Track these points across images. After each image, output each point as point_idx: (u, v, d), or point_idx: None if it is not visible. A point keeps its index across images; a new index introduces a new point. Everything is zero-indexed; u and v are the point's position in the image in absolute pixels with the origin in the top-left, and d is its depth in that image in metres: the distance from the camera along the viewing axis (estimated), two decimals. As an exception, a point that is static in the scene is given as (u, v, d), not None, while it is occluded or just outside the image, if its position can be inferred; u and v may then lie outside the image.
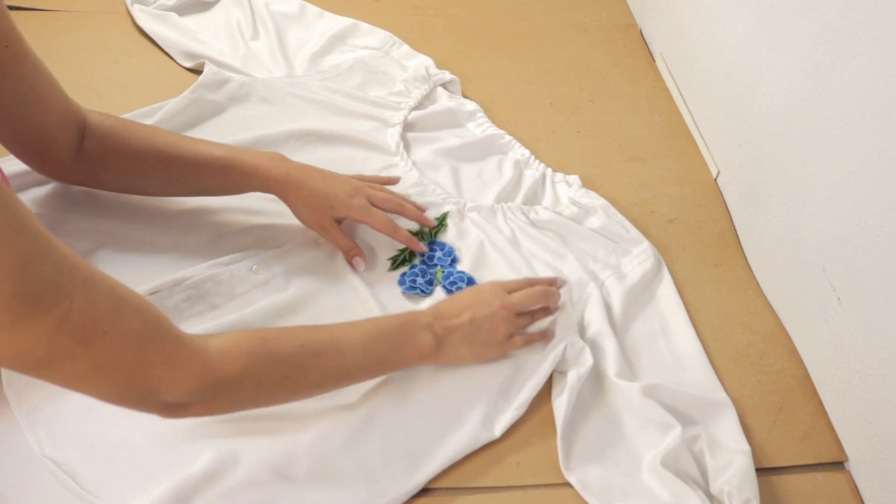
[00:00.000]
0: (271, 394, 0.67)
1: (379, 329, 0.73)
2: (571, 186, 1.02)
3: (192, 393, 0.60)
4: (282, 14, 1.18)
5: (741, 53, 1.02)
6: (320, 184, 0.85)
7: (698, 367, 0.87)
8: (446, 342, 0.76)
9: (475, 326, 0.77)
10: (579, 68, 1.24)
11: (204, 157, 0.83)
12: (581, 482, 0.76)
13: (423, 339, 0.75)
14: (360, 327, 0.72)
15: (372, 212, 0.87)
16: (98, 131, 0.80)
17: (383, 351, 0.73)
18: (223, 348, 0.62)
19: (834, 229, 0.85)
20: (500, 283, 0.81)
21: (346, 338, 0.70)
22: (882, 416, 0.78)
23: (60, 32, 1.11)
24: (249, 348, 0.63)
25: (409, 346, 0.75)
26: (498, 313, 0.78)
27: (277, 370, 0.65)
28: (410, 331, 0.75)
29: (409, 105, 1.08)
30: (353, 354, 0.71)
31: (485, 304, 0.78)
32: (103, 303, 0.54)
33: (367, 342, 0.72)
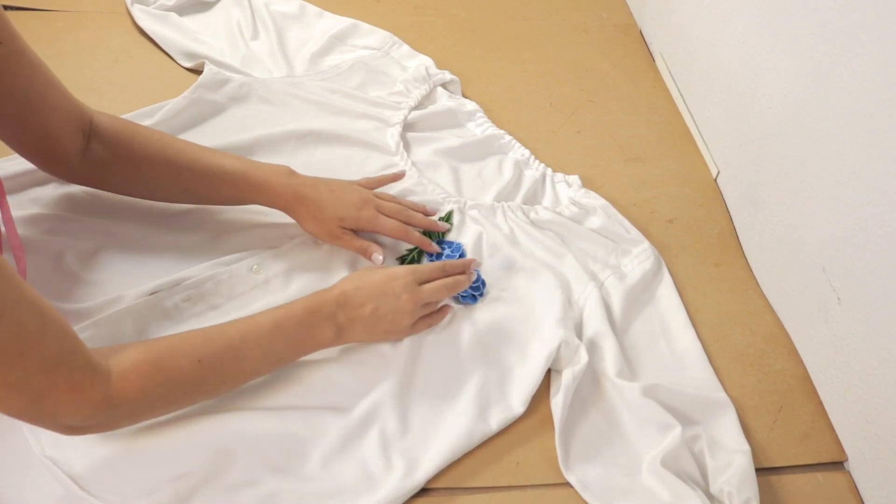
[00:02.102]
0: (167, 409, 0.69)
1: (279, 327, 0.73)
2: (571, 186, 1.02)
3: (89, 418, 0.61)
4: (282, 14, 1.19)
5: (741, 53, 1.02)
6: (328, 198, 0.86)
7: (698, 367, 0.87)
8: (347, 331, 0.77)
9: (378, 317, 0.77)
10: (579, 68, 1.24)
11: (214, 169, 0.83)
12: (580, 482, 0.76)
13: (325, 331, 0.75)
14: (260, 327, 0.72)
15: (381, 220, 0.87)
16: (105, 135, 0.80)
17: (281, 349, 0.74)
18: (122, 373, 0.63)
19: (834, 229, 0.85)
20: (413, 272, 0.81)
21: (244, 343, 0.70)
22: (882, 416, 0.78)
23: (60, 32, 1.11)
24: (146, 372, 0.64)
25: (309, 340, 0.75)
26: (404, 306, 0.78)
27: (175, 390, 0.67)
28: (313, 323, 0.75)
29: (409, 105, 1.08)
30: (251, 360, 0.71)
31: (392, 296, 0.78)
32: (30, 324, 0.55)
33: (267, 342, 0.72)
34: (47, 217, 0.85)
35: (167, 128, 0.98)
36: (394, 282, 0.79)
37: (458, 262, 0.85)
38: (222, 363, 0.69)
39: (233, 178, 0.83)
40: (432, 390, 0.80)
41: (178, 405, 0.69)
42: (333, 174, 0.93)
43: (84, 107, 0.79)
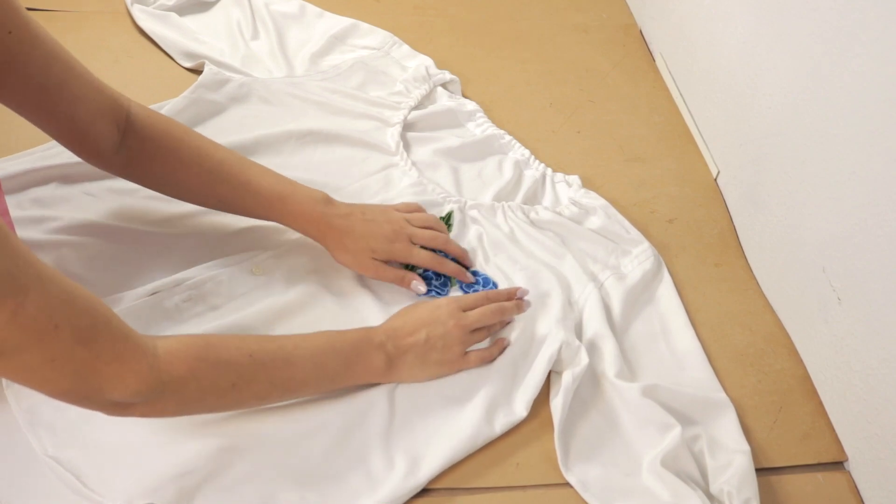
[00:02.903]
0: (216, 400, 0.67)
1: (331, 344, 0.73)
2: (571, 186, 1.02)
3: (137, 393, 0.60)
4: (282, 14, 1.19)
5: (741, 53, 1.02)
6: (360, 230, 0.84)
7: (698, 368, 0.87)
8: (398, 362, 0.76)
9: (429, 346, 0.77)
10: (579, 68, 1.24)
11: (252, 186, 0.82)
12: (580, 482, 0.76)
13: (375, 359, 0.75)
14: (312, 341, 0.72)
15: (415, 253, 0.86)
16: (143, 132, 0.78)
17: (333, 367, 0.73)
18: (171, 350, 0.62)
19: (834, 229, 0.85)
20: (456, 300, 0.81)
21: (296, 350, 0.70)
22: (882, 416, 0.78)
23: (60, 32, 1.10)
24: (196, 352, 0.64)
25: (359, 364, 0.74)
26: (452, 333, 0.78)
27: (224, 377, 0.65)
28: (363, 349, 0.74)
29: (409, 105, 1.08)
30: (302, 368, 0.71)
31: (439, 323, 0.78)
32: (57, 297, 0.55)
33: (318, 356, 0.72)
34: (47, 217, 0.84)
35: (167, 128, 0.98)
36: (438, 310, 0.79)
37: (502, 291, 0.85)
38: (273, 363, 0.68)
39: (269, 200, 0.82)
40: (439, 391, 0.80)
41: (228, 400, 0.68)
42: (333, 174, 0.93)
43: (121, 99, 0.77)
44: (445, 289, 0.88)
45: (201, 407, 0.67)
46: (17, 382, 0.58)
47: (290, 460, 0.73)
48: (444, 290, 0.88)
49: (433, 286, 0.88)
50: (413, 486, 0.73)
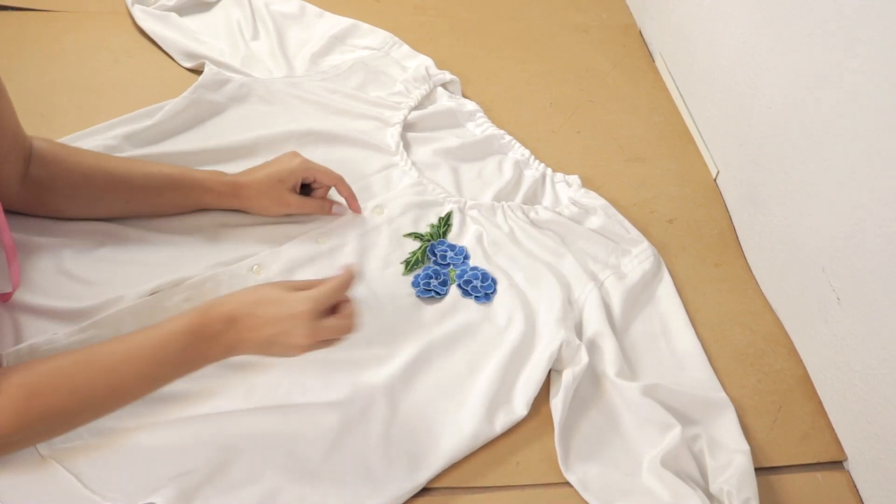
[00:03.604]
0: (49, 436, 0.67)
1: (160, 351, 0.67)
2: (571, 186, 1.03)
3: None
4: (282, 14, 1.19)
5: (741, 53, 1.03)
6: (262, 172, 0.88)
7: (698, 367, 0.87)
8: (236, 349, 0.70)
9: (269, 344, 0.70)
10: (579, 68, 1.24)
11: (153, 175, 0.84)
12: (580, 482, 0.76)
13: (211, 351, 0.69)
14: (140, 350, 0.67)
15: (316, 165, 0.90)
16: (43, 157, 0.79)
17: (164, 373, 0.69)
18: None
19: (834, 229, 0.85)
20: (315, 302, 0.70)
21: (123, 368, 0.66)
22: (882, 416, 0.78)
23: (60, 32, 1.11)
24: (17, 410, 0.62)
25: (193, 360, 0.69)
26: (298, 342, 0.70)
27: (50, 423, 0.65)
28: (197, 345, 0.68)
29: (409, 105, 1.08)
30: (129, 385, 0.67)
31: (285, 333, 0.69)
32: None
33: (148, 367, 0.67)
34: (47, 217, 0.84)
35: (167, 128, 0.98)
36: (292, 319, 0.69)
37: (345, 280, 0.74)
38: (98, 393, 0.66)
39: (173, 180, 0.85)
40: (440, 391, 0.80)
41: (57, 433, 0.67)
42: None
43: (25, 133, 0.78)
44: (445, 287, 0.88)
45: (32, 444, 0.68)
46: None
47: (290, 460, 0.73)
48: (444, 290, 0.88)
49: (433, 286, 0.88)
50: (413, 486, 0.73)
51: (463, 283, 0.89)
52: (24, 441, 0.66)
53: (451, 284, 0.89)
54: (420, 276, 0.89)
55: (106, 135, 0.94)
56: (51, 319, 0.77)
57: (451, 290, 0.89)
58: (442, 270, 0.90)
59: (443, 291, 0.88)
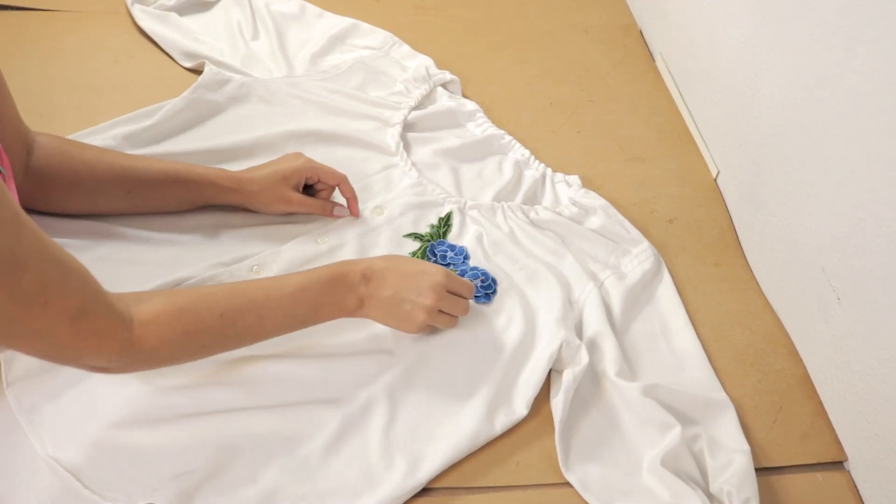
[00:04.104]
0: (187, 358, 0.71)
1: (302, 291, 0.74)
2: (571, 186, 1.03)
3: (112, 361, 0.64)
4: (282, 14, 1.19)
5: (741, 53, 1.03)
6: (266, 167, 0.89)
7: (698, 367, 0.87)
8: (367, 306, 0.77)
9: (396, 303, 0.77)
10: (579, 68, 1.24)
11: (154, 170, 0.84)
12: (581, 482, 0.76)
13: (347, 300, 0.76)
14: (283, 288, 0.73)
15: (319, 165, 0.90)
16: (45, 150, 0.80)
17: (303, 313, 0.74)
18: (144, 323, 0.65)
19: (834, 229, 0.85)
20: (447, 276, 0.80)
21: (267, 302, 0.72)
22: (882, 416, 0.78)
23: (60, 32, 1.11)
24: (168, 323, 0.66)
25: (330, 306, 0.76)
26: (424, 303, 0.78)
27: (195, 342, 0.68)
28: (337, 289, 0.75)
29: (409, 105, 1.08)
30: (271, 319, 0.72)
31: (416, 289, 0.78)
32: (51, 272, 0.57)
33: (288, 306, 0.73)
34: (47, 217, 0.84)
35: (167, 128, 0.98)
36: (424, 277, 0.78)
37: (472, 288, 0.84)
38: (244, 320, 0.70)
39: (177, 174, 0.85)
40: (440, 390, 0.80)
41: (198, 356, 0.71)
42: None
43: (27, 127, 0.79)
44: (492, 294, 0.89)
45: (173, 363, 0.70)
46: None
47: (290, 460, 0.73)
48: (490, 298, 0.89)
49: None
50: (413, 486, 0.73)
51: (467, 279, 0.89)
52: (170, 356, 0.68)
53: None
54: (420, 276, 0.89)
55: (106, 135, 0.94)
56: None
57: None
58: (442, 270, 0.90)
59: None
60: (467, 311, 0.82)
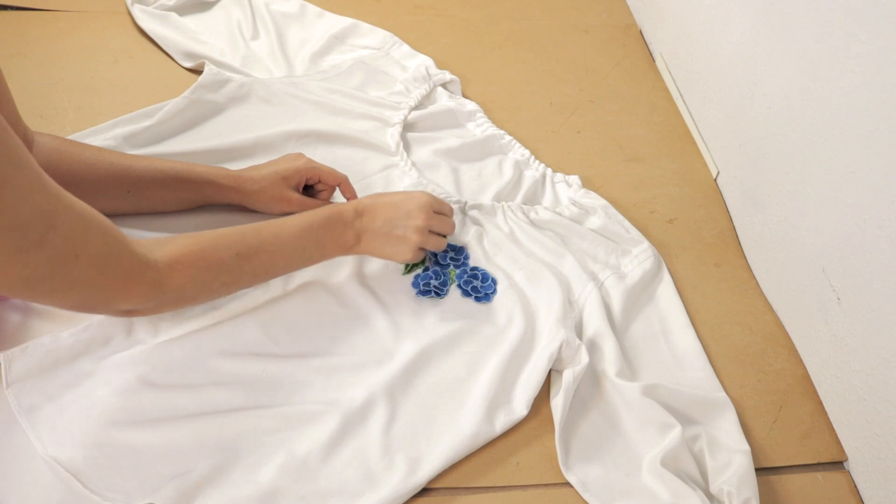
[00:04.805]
0: (208, 295, 0.75)
1: (307, 228, 0.79)
2: (571, 186, 1.03)
3: (142, 303, 0.67)
4: (282, 14, 1.19)
5: (741, 53, 1.03)
6: (266, 169, 0.90)
7: (698, 367, 0.87)
8: (364, 238, 0.83)
9: (390, 228, 0.83)
10: (579, 68, 1.24)
11: (154, 169, 0.85)
12: (581, 482, 0.76)
13: (345, 236, 0.82)
14: (289, 227, 0.78)
15: (320, 165, 0.91)
16: (45, 149, 0.80)
17: (309, 249, 0.80)
18: (170, 262, 0.68)
19: (834, 229, 0.85)
20: (431, 197, 0.86)
21: (276, 240, 0.77)
22: (882, 416, 0.78)
23: (60, 33, 1.11)
24: (193, 261, 0.70)
25: (331, 242, 0.82)
26: (415, 223, 0.83)
27: (216, 279, 0.73)
28: (335, 227, 0.81)
29: (409, 105, 1.08)
30: (282, 255, 0.78)
31: (406, 212, 0.83)
32: (76, 227, 0.59)
33: (295, 241, 0.78)
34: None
35: (167, 128, 0.98)
36: (410, 200, 0.84)
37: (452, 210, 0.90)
38: (258, 257, 0.76)
39: (176, 173, 0.85)
40: (440, 390, 0.80)
41: (218, 293, 0.76)
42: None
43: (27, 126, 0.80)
44: (445, 288, 0.88)
45: (195, 302, 0.75)
46: (29, 299, 0.66)
47: (290, 460, 0.73)
48: (444, 290, 0.88)
49: (433, 286, 0.88)
50: (413, 486, 0.73)
51: (463, 284, 0.89)
52: (194, 294, 0.72)
53: (451, 285, 0.89)
54: (420, 276, 0.89)
55: (106, 135, 0.94)
56: (53, 320, 0.77)
57: (451, 290, 0.89)
58: (442, 271, 0.90)
59: (443, 292, 0.88)
60: (454, 228, 0.89)
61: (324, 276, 0.87)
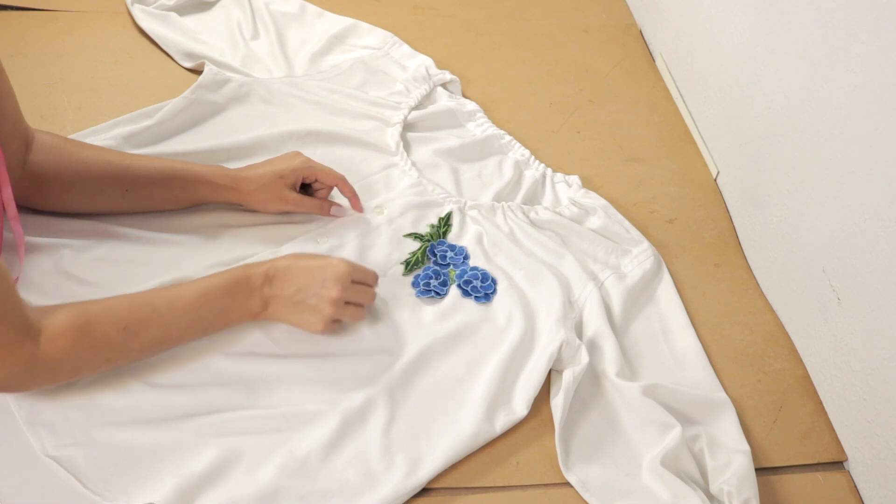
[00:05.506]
0: (90, 371, 0.71)
1: (206, 296, 0.74)
2: (571, 186, 1.03)
3: (12, 376, 0.64)
4: (282, 14, 1.19)
5: (741, 53, 1.03)
6: (264, 166, 0.89)
7: (698, 367, 0.87)
8: (271, 306, 0.77)
9: (301, 299, 0.77)
10: (579, 68, 1.24)
11: (152, 167, 0.84)
12: (581, 482, 0.76)
13: (251, 303, 0.76)
14: (186, 296, 0.73)
15: (317, 164, 0.90)
16: (44, 146, 0.80)
17: (208, 319, 0.75)
18: (51, 336, 0.65)
19: (834, 229, 0.85)
20: (350, 266, 0.79)
21: (170, 311, 0.72)
22: (882, 416, 0.78)
23: (60, 33, 1.11)
24: (75, 335, 0.66)
25: (234, 310, 0.76)
26: (329, 295, 0.76)
27: (99, 356, 0.69)
28: (240, 294, 0.75)
29: (409, 105, 1.08)
30: (176, 327, 0.73)
31: (320, 282, 0.77)
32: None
33: (192, 312, 0.73)
34: (46, 217, 0.84)
35: (167, 128, 0.98)
36: (327, 269, 0.77)
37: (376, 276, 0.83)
38: (147, 332, 0.71)
39: (174, 172, 0.85)
40: (440, 390, 0.80)
41: (101, 369, 0.71)
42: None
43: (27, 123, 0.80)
44: (445, 287, 0.88)
45: (74, 378, 0.71)
46: None
47: (289, 460, 0.73)
48: (444, 290, 0.88)
49: (433, 286, 0.88)
50: (413, 486, 0.73)
51: (463, 283, 0.89)
52: (72, 371, 0.68)
53: (451, 284, 0.89)
54: (420, 276, 0.89)
55: (106, 135, 0.94)
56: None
57: (451, 290, 0.89)
58: (442, 270, 0.90)
59: (443, 291, 0.88)
60: (373, 298, 0.82)
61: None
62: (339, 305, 0.77)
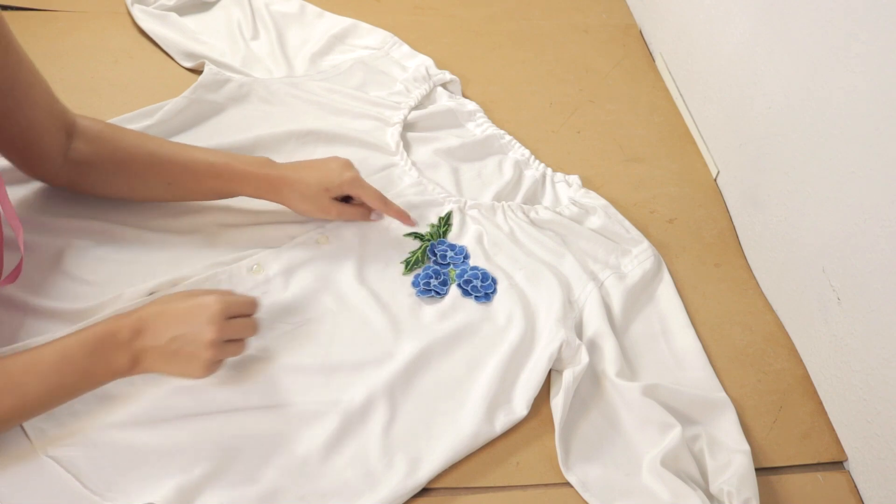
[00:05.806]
0: None
1: (66, 357, 0.67)
2: (571, 186, 1.03)
3: None
4: (282, 14, 1.19)
5: (741, 53, 1.03)
6: (310, 174, 0.87)
7: (698, 367, 0.87)
8: (143, 360, 0.69)
9: (176, 348, 0.69)
10: (579, 68, 1.24)
11: (196, 161, 0.84)
12: (581, 482, 0.76)
13: (118, 360, 0.68)
14: (45, 359, 0.66)
15: (364, 184, 0.88)
16: (87, 134, 0.80)
17: (71, 382, 0.67)
18: None
19: (834, 229, 0.85)
20: (224, 303, 0.71)
21: (27, 377, 0.65)
22: (882, 416, 0.78)
23: (60, 33, 1.11)
24: None
25: (100, 370, 0.68)
26: (206, 339, 0.69)
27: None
28: (105, 351, 0.68)
29: (409, 105, 1.08)
30: (35, 395, 0.66)
31: (195, 326, 0.69)
32: None
33: (53, 376, 0.66)
34: (46, 217, 0.84)
35: (167, 128, 0.98)
36: (199, 311, 0.70)
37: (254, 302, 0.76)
38: (2, 402, 0.64)
39: (216, 168, 0.84)
40: (440, 390, 0.80)
41: None
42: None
43: (67, 109, 0.80)
44: (445, 287, 0.88)
45: None
46: None
47: (290, 460, 0.73)
48: (444, 290, 0.88)
49: (433, 286, 0.88)
50: (413, 486, 0.73)
51: (463, 283, 0.89)
52: None
53: (451, 284, 0.89)
54: (420, 275, 0.89)
55: (106, 135, 0.94)
56: (50, 319, 0.77)
57: (451, 289, 0.89)
58: (442, 270, 0.90)
59: (443, 291, 0.88)
60: (256, 329, 0.75)
61: (323, 276, 0.87)
62: (218, 346, 0.70)
